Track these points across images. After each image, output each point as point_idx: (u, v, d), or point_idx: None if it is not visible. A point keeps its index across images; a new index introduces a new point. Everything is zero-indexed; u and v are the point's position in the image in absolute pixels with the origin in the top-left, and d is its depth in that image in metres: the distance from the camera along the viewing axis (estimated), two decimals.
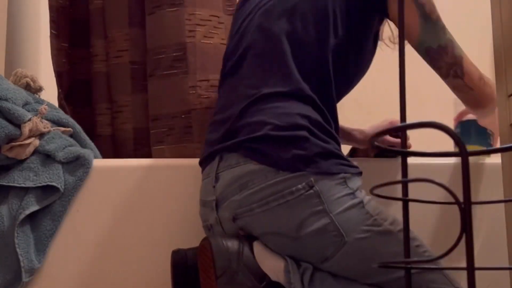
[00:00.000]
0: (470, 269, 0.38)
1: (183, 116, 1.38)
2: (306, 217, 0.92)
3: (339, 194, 0.93)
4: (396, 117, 1.11)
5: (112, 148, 1.48)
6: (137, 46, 1.46)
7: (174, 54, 1.39)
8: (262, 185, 0.93)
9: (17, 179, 1.13)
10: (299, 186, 0.92)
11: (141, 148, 1.45)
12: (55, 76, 1.49)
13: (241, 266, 0.91)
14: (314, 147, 0.94)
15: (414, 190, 1.04)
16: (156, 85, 1.42)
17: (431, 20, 1.07)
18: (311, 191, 0.92)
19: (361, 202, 0.95)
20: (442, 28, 1.09)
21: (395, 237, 0.94)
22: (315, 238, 0.92)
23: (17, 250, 1.09)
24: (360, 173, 0.99)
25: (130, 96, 1.46)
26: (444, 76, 1.11)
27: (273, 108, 0.98)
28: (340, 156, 0.98)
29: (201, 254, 0.95)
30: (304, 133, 0.95)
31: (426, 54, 1.09)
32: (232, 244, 0.92)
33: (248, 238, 0.96)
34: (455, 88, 1.12)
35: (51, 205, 1.16)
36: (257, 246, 0.95)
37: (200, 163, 1.10)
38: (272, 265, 0.93)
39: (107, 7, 1.49)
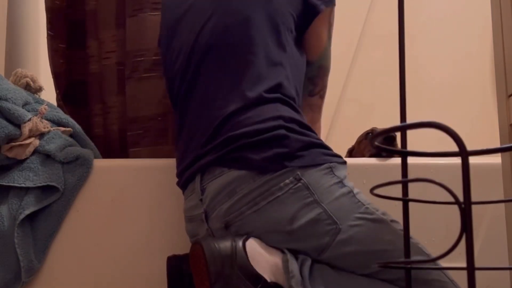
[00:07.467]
0: (470, 269, 0.38)
1: (159, 118, 1.39)
2: (297, 209, 0.92)
3: (327, 184, 0.94)
4: (396, 116, 1.10)
5: (102, 149, 1.47)
6: (123, 48, 1.46)
7: (154, 57, 1.39)
8: (250, 188, 0.93)
9: (17, 179, 1.13)
10: (287, 181, 0.92)
11: (126, 149, 1.44)
12: (53, 76, 1.49)
13: (235, 269, 0.90)
14: (294, 143, 0.95)
15: (414, 190, 1.04)
16: (134, 87, 1.41)
17: (331, 42, 1.20)
18: (299, 184, 0.93)
19: (351, 191, 0.96)
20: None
21: (388, 226, 0.94)
22: (310, 229, 0.93)
23: (17, 250, 1.09)
24: (344, 163, 1.00)
25: (116, 97, 1.46)
26: (314, 93, 1.21)
27: (245, 120, 0.97)
28: (322, 145, 0.98)
29: (193, 258, 0.94)
30: (281, 131, 0.95)
31: (318, 69, 1.19)
32: (225, 247, 0.91)
33: (240, 236, 0.95)
34: (312, 107, 1.23)
35: (51, 205, 1.16)
36: (251, 245, 0.94)
37: (180, 187, 1.10)
38: (268, 263, 0.93)
39: (98, 8, 1.49)
